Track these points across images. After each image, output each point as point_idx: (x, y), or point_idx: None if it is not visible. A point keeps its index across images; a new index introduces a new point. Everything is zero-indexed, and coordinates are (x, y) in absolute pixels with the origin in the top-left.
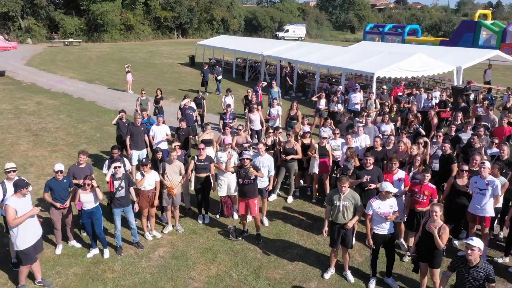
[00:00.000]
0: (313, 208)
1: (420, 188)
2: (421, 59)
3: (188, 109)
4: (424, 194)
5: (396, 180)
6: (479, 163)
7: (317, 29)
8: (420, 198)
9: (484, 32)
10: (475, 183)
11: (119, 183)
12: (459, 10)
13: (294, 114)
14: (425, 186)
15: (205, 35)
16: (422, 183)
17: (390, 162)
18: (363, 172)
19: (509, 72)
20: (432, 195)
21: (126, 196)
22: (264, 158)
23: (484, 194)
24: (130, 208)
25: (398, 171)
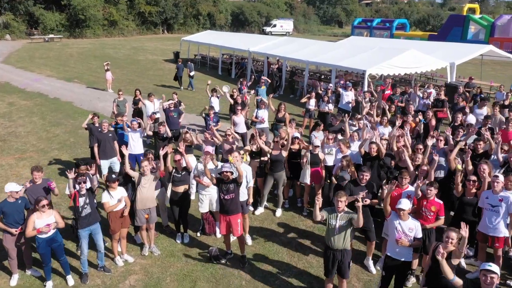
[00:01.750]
0: (304, 223)
1: (426, 203)
2: (414, 55)
3: (172, 111)
4: (430, 210)
5: (405, 196)
6: (487, 173)
7: (304, 23)
8: (425, 213)
9: (473, 26)
10: (487, 198)
11: (84, 200)
12: (445, 4)
13: (282, 117)
14: (432, 202)
15: (191, 30)
16: (428, 197)
17: (400, 176)
18: (357, 188)
19: (499, 67)
20: (439, 211)
21: (93, 212)
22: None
23: (497, 211)
24: (98, 227)
25: (408, 186)
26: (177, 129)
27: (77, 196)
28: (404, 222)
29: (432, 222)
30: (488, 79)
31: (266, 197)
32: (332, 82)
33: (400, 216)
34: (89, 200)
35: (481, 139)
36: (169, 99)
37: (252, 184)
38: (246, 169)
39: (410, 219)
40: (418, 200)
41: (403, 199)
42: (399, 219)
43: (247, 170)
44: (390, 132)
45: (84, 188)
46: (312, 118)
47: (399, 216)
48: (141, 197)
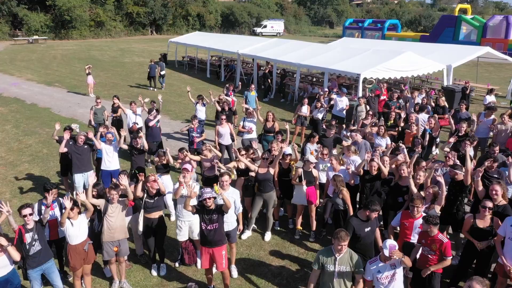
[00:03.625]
0: (296, 248)
1: (426, 239)
2: (410, 58)
3: (153, 120)
4: (431, 249)
5: (417, 227)
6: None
7: (295, 24)
8: (426, 252)
9: (464, 27)
10: (511, 226)
11: (32, 236)
12: (435, 5)
13: (271, 127)
14: (434, 238)
15: (180, 31)
16: (430, 233)
17: (412, 204)
18: (363, 225)
19: (492, 68)
20: (444, 250)
21: (43, 249)
22: (228, 193)
23: None
24: (52, 265)
25: (422, 215)
26: (158, 140)
27: (22, 231)
28: (386, 265)
29: (435, 263)
30: (482, 81)
31: (254, 220)
32: (324, 85)
33: (385, 261)
34: (38, 235)
35: (492, 156)
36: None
37: (241, 210)
38: (234, 196)
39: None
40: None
41: (388, 241)
42: (379, 261)
43: (235, 197)
44: (388, 144)
45: (31, 221)
46: (304, 126)
47: (382, 259)
48: (108, 227)
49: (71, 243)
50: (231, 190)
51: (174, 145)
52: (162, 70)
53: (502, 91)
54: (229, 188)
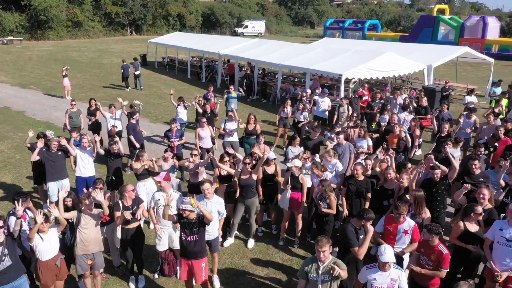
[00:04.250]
0: (281, 255)
1: (426, 248)
2: (391, 58)
3: (137, 124)
4: (429, 259)
5: (402, 232)
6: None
7: (276, 24)
8: (424, 261)
9: (443, 27)
10: (500, 230)
11: (1, 251)
12: (413, 5)
13: (253, 129)
14: (434, 248)
15: (161, 31)
16: (431, 243)
17: (398, 212)
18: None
19: (470, 68)
20: (441, 262)
21: (14, 264)
22: (212, 202)
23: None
24: (24, 281)
25: (406, 220)
26: (142, 143)
27: None
28: (384, 274)
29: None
30: (461, 80)
31: (237, 226)
32: (306, 86)
33: (383, 268)
34: (9, 249)
35: (477, 158)
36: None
37: (225, 215)
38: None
39: (392, 268)
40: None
41: (386, 248)
42: (380, 270)
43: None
44: (369, 146)
45: (2, 234)
46: (287, 127)
47: (380, 267)
48: (81, 240)
49: (42, 259)
50: (214, 198)
51: (154, 149)
52: (136, 70)
53: (480, 90)
54: (212, 196)
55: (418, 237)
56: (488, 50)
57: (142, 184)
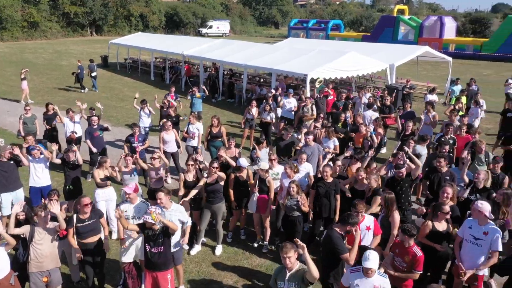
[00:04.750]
0: (250, 261)
1: (400, 250)
2: (355, 58)
3: (96, 129)
4: (403, 260)
5: (364, 230)
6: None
7: (241, 25)
8: (398, 263)
9: (403, 27)
10: (470, 228)
11: None
12: (374, 6)
13: (217, 132)
14: (408, 249)
15: (123, 32)
16: (405, 244)
17: (356, 210)
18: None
19: (429, 66)
20: (414, 264)
21: None
22: (171, 211)
23: (480, 245)
24: None
25: (365, 217)
26: (103, 149)
27: None
28: (368, 281)
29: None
30: (421, 79)
31: (203, 233)
32: (272, 86)
33: (366, 274)
34: None
35: (443, 155)
36: (89, 116)
37: (190, 223)
38: (179, 211)
39: (376, 275)
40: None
41: (371, 253)
42: (363, 276)
43: (180, 212)
44: (335, 146)
45: None
46: (253, 128)
47: (364, 272)
48: (36, 256)
49: None
50: (173, 207)
51: (115, 154)
52: (92, 71)
53: (440, 88)
54: (171, 204)
55: (379, 231)
56: (445, 49)
57: (101, 191)
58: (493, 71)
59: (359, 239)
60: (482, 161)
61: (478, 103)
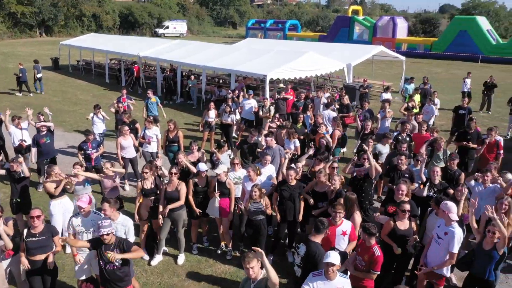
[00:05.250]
0: (214, 268)
1: (362, 248)
2: (313, 58)
3: (43, 136)
4: (362, 259)
5: (340, 234)
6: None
7: (198, 25)
8: (359, 262)
9: (357, 27)
10: (438, 227)
11: None
12: (329, 6)
13: (174, 136)
14: (368, 248)
15: (75, 33)
16: (366, 243)
17: (333, 210)
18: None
19: (384, 65)
20: (372, 263)
21: None
22: (117, 223)
23: (440, 244)
24: None
25: (343, 221)
26: (53, 157)
27: None
28: (330, 283)
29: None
30: (377, 78)
31: (164, 242)
32: (231, 87)
33: (327, 275)
34: None
35: (404, 153)
36: (37, 122)
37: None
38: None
39: (338, 277)
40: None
41: (331, 252)
42: (323, 276)
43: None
44: (296, 147)
45: None
46: (213, 131)
47: (325, 273)
48: None
49: None
50: (120, 219)
51: (68, 162)
52: (38, 73)
53: (395, 87)
54: (118, 216)
55: (355, 236)
56: (398, 49)
57: (57, 202)
58: (443, 69)
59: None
60: (440, 159)
61: (433, 101)
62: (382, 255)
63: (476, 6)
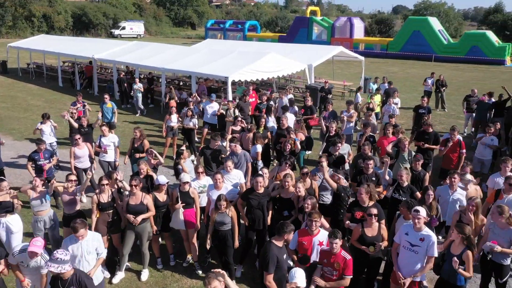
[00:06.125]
0: (180, 283)
1: (329, 259)
2: (274, 59)
3: None
4: (333, 268)
5: (317, 244)
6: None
7: (156, 25)
8: (329, 273)
9: (316, 27)
10: (406, 234)
11: None
12: (287, 7)
13: (139, 145)
14: (337, 255)
15: (24, 34)
16: (332, 250)
17: (309, 218)
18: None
19: (343, 65)
20: (344, 269)
21: None
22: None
23: (416, 252)
24: None
25: (319, 231)
26: (1, 168)
27: None
28: None
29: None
30: (337, 78)
31: (127, 257)
32: (192, 90)
33: None
34: None
35: (371, 157)
36: None
37: (104, 255)
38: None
39: None
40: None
41: (296, 271)
42: None
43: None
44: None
45: None
46: (176, 136)
47: None
48: None
49: None
50: (89, 236)
51: (19, 174)
52: None
53: (355, 86)
54: (86, 233)
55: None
56: (356, 48)
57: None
58: (399, 69)
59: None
60: (405, 159)
61: (394, 102)
62: (351, 258)
63: (428, 7)
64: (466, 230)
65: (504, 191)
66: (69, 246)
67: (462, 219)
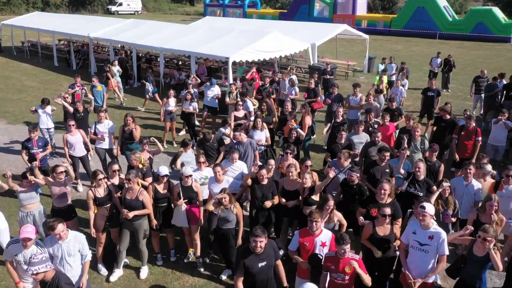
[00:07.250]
0: (181, 281)
1: (338, 264)
2: (277, 38)
3: None
4: (345, 272)
5: (319, 246)
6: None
7: (154, 1)
8: (339, 279)
9: (317, 3)
10: (414, 233)
11: None
12: None
13: (131, 132)
14: (345, 260)
15: (19, 11)
16: (340, 256)
17: (309, 218)
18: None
19: (346, 43)
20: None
21: None
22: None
23: (426, 251)
24: None
25: (322, 231)
26: None
27: None
28: None
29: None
30: (340, 56)
31: (125, 254)
32: (192, 71)
33: None
34: None
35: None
36: None
37: (89, 258)
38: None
39: None
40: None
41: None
42: None
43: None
44: (267, 137)
45: None
46: (174, 120)
47: None
48: None
49: None
50: (71, 236)
51: (13, 160)
52: None
53: (359, 66)
54: (68, 233)
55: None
56: (358, 25)
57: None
58: (403, 46)
59: None
60: (418, 149)
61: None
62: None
63: None
64: (491, 233)
65: (504, 182)
66: (49, 247)
67: (480, 218)
